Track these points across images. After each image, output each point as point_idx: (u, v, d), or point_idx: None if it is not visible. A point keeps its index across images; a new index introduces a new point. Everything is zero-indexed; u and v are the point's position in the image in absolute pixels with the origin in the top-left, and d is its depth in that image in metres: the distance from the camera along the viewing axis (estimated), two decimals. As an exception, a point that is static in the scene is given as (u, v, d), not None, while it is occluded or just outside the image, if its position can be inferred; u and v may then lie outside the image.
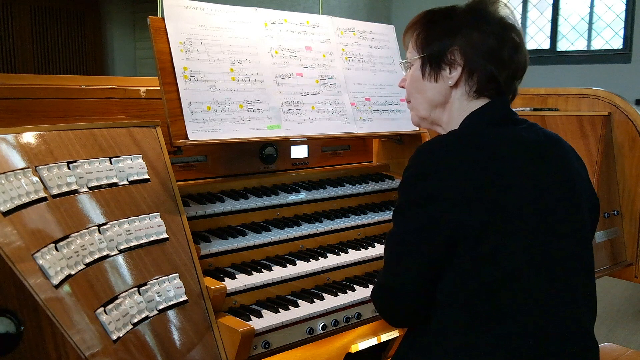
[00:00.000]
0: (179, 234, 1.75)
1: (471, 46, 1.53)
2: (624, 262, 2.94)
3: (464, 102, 1.58)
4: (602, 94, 2.96)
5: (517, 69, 1.57)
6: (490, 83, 1.55)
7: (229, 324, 1.69)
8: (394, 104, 2.55)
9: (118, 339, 1.46)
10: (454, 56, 1.55)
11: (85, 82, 1.98)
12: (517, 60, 1.56)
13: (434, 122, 1.67)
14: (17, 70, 7.58)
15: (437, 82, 1.60)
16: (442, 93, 1.60)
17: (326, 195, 2.28)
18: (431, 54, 1.59)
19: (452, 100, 1.60)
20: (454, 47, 1.55)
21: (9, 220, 1.31)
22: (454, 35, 1.55)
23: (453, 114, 1.61)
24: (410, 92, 1.69)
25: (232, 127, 2.04)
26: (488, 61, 1.53)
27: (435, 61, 1.59)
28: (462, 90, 1.58)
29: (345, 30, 2.49)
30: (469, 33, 1.54)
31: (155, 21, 1.98)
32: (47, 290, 1.30)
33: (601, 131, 2.82)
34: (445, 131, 1.64)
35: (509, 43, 1.54)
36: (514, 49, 1.55)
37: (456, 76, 1.56)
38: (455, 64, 1.56)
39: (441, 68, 1.58)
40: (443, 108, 1.63)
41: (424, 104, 1.65)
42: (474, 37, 1.53)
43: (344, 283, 2.05)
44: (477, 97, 1.57)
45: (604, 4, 8.43)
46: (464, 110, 1.58)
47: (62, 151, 1.58)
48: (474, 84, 1.56)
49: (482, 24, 1.54)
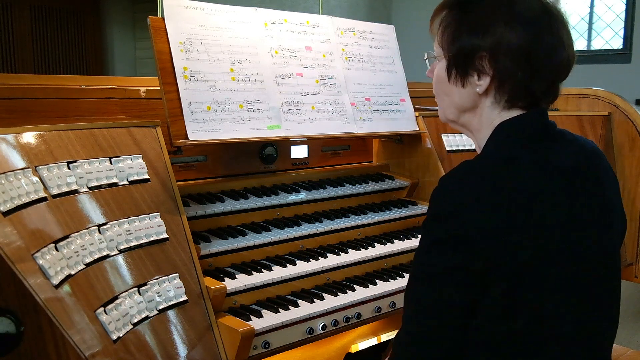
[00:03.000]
0: (179, 234, 1.75)
1: (502, 51, 1.32)
2: (624, 262, 2.94)
3: (495, 111, 1.39)
4: (602, 94, 2.96)
5: (557, 72, 1.36)
6: (523, 92, 1.35)
7: (229, 324, 1.69)
8: (394, 104, 2.55)
9: (118, 339, 1.46)
10: (482, 62, 1.34)
11: (85, 82, 1.98)
12: (558, 62, 1.35)
13: (464, 126, 1.48)
14: (17, 70, 7.58)
15: (465, 88, 1.40)
16: (471, 99, 1.41)
17: (326, 195, 2.28)
18: (458, 56, 1.38)
19: (481, 106, 1.41)
20: (482, 52, 1.34)
21: (9, 220, 1.31)
22: (483, 33, 1.33)
23: (483, 122, 1.42)
24: (437, 92, 1.50)
25: (232, 127, 2.04)
26: (521, 69, 1.32)
27: (462, 66, 1.38)
28: (492, 99, 1.38)
29: (345, 30, 2.49)
30: (500, 32, 1.32)
31: (155, 21, 1.98)
32: (47, 290, 1.30)
33: (601, 131, 2.83)
34: (476, 138, 1.47)
35: (547, 42, 1.33)
36: (554, 44, 1.33)
37: (485, 85, 1.36)
38: (484, 72, 1.35)
39: (468, 74, 1.38)
40: (473, 113, 1.43)
41: (451, 108, 1.46)
42: (506, 39, 1.31)
43: (344, 283, 2.05)
44: (509, 108, 1.38)
45: (604, 4, 8.43)
46: (495, 119, 1.40)
47: (62, 151, 1.58)
48: (504, 93, 1.36)
49: (515, 19, 1.32)
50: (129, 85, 2.04)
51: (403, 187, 2.58)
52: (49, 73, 7.87)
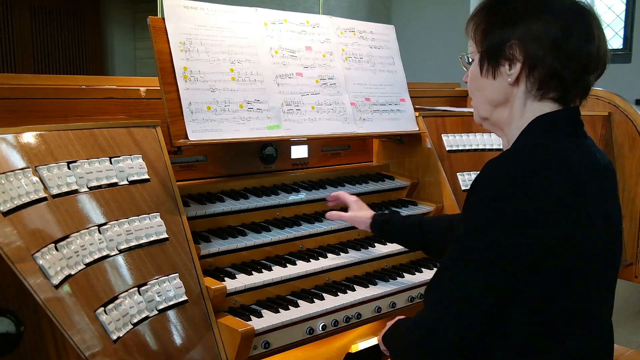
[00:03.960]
0: (179, 234, 1.75)
1: (531, 38, 1.37)
2: (624, 262, 2.94)
3: (528, 101, 1.43)
4: (602, 94, 2.96)
5: (588, 61, 1.38)
6: (553, 81, 1.39)
7: (229, 324, 1.69)
8: (394, 104, 2.55)
9: (118, 339, 1.46)
10: (512, 50, 1.39)
11: (85, 82, 1.98)
12: (588, 52, 1.37)
13: (496, 123, 1.52)
14: (17, 70, 7.58)
15: (496, 80, 1.45)
16: (502, 92, 1.45)
17: (326, 195, 2.28)
18: (489, 48, 1.44)
19: (513, 99, 1.44)
20: (512, 39, 1.39)
21: (9, 220, 1.31)
22: (513, 25, 1.39)
23: (515, 113, 1.45)
24: (471, 90, 1.55)
25: (232, 127, 2.04)
26: (550, 54, 1.36)
27: (493, 56, 1.43)
28: (523, 88, 1.42)
29: (345, 30, 2.49)
30: (530, 23, 1.37)
31: (155, 21, 1.98)
32: (47, 290, 1.30)
33: (601, 131, 2.83)
34: (506, 134, 1.50)
35: (577, 32, 1.36)
36: (584, 38, 1.37)
37: (515, 73, 1.40)
38: (515, 59, 1.40)
39: (499, 64, 1.43)
40: (505, 107, 1.47)
41: (484, 104, 1.51)
42: (536, 28, 1.37)
43: (344, 283, 2.05)
44: (540, 98, 1.42)
45: (604, 4, 8.43)
46: (528, 112, 1.43)
47: (62, 151, 1.58)
48: (535, 81, 1.40)
49: (545, 12, 1.37)
50: (129, 85, 2.04)
51: (403, 187, 2.58)
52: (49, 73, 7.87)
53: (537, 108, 1.43)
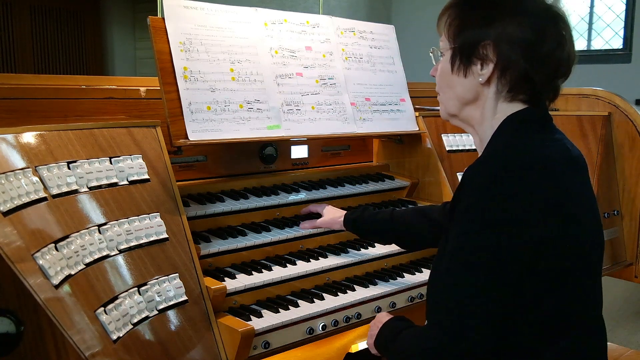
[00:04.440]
0: (179, 234, 1.75)
1: (506, 40, 1.38)
2: (624, 262, 2.94)
3: (498, 102, 1.44)
4: (602, 94, 2.96)
5: (558, 66, 1.41)
6: (524, 84, 1.40)
7: (229, 324, 1.69)
8: (394, 104, 2.55)
9: (118, 339, 1.46)
10: (486, 50, 1.40)
11: (85, 82, 1.98)
12: (559, 57, 1.40)
13: (465, 120, 1.53)
14: (17, 70, 7.58)
15: (467, 78, 1.45)
16: (473, 90, 1.45)
17: (326, 195, 2.28)
18: (462, 46, 1.43)
19: (484, 98, 1.45)
20: (487, 40, 1.39)
21: (9, 220, 1.31)
22: (488, 25, 1.39)
23: (486, 114, 1.46)
24: (440, 86, 1.54)
25: (232, 127, 2.04)
26: (523, 58, 1.37)
27: (465, 54, 1.43)
28: (494, 89, 1.43)
29: (345, 30, 2.49)
30: (505, 24, 1.38)
31: (155, 21, 1.98)
32: (47, 290, 1.30)
33: (601, 131, 2.83)
34: (477, 133, 1.51)
35: (550, 37, 1.38)
36: (556, 43, 1.39)
37: (487, 73, 1.41)
38: (487, 59, 1.40)
39: (472, 62, 1.43)
40: (474, 105, 1.48)
41: (453, 100, 1.51)
42: (510, 30, 1.37)
43: (344, 283, 2.05)
44: (510, 100, 1.43)
45: (604, 4, 8.44)
46: (498, 113, 1.44)
47: (62, 151, 1.58)
48: (506, 83, 1.41)
49: (520, 14, 1.38)
50: (129, 85, 2.04)
51: (403, 187, 2.58)
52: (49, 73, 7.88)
53: (507, 108, 1.44)
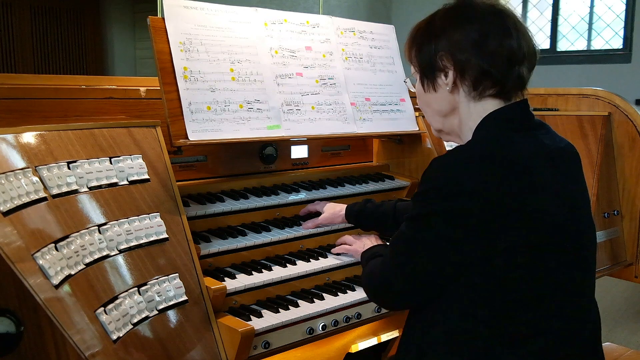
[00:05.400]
0: (179, 234, 1.75)
1: (455, 46, 1.50)
2: (624, 262, 2.94)
3: (470, 104, 1.54)
4: (602, 94, 2.96)
5: (511, 55, 1.48)
6: (484, 78, 1.49)
7: (229, 324, 1.69)
8: (394, 104, 2.55)
9: (118, 339, 1.46)
10: (442, 61, 1.52)
11: (85, 82, 1.98)
12: (510, 46, 1.48)
13: (450, 132, 1.63)
14: (17, 70, 7.58)
15: (437, 92, 1.57)
16: (446, 101, 1.57)
17: (326, 195, 2.28)
18: (422, 64, 1.57)
19: (458, 105, 1.56)
20: (440, 51, 1.52)
21: (9, 220, 1.31)
22: (437, 39, 1.52)
23: (463, 119, 1.56)
24: (422, 107, 1.67)
25: (232, 127, 2.04)
26: (474, 56, 1.48)
27: (429, 70, 1.56)
28: (463, 93, 1.54)
29: (345, 30, 2.49)
30: (451, 33, 1.50)
31: (155, 21, 1.98)
32: (47, 290, 1.30)
33: (601, 131, 2.82)
34: (462, 140, 1.60)
35: (494, 31, 1.48)
36: (501, 34, 1.48)
37: (450, 80, 1.53)
38: (446, 68, 1.52)
39: (436, 76, 1.55)
40: (453, 115, 1.58)
41: (435, 116, 1.63)
42: (457, 36, 1.49)
43: (344, 283, 2.05)
44: (480, 98, 1.52)
45: (604, 4, 8.43)
46: (474, 114, 1.54)
47: (62, 151, 1.58)
48: (470, 84, 1.51)
49: (462, 21, 1.50)
50: (129, 85, 2.04)
51: (403, 187, 2.58)
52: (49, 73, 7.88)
53: (481, 108, 1.53)
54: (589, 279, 1.55)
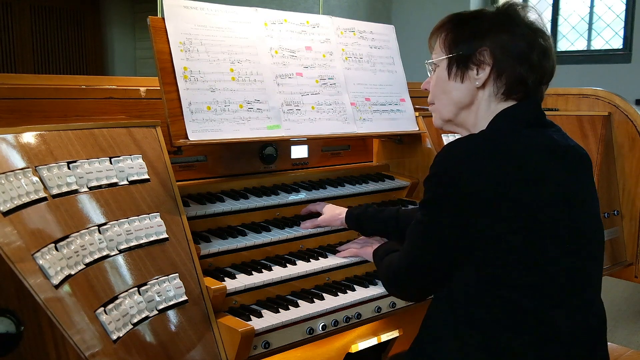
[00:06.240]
0: (179, 234, 1.75)
1: (501, 47, 1.53)
2: (624, 262, 2.94)
3: (492, 103, 1.57)
4: (602, 94, 2.96)
5: (544, 73, 1.57)
6: (519, 85, 1.54)
7: (229, 324, 1.69)
8: (394, 104, 2.55)
9: (118, 339, 1.46)
10: (482, 56, 1.55)
11: (85, 82, 1.98)
12: (545, 66, 1.56)
13: (460, 124, 1.66)
14: (17, 70, 7.58)
15: (463, 83, 1.59)
16: (469, 94, 1.59)
17: (326, 195, 2.28)
18: (459, 54, 1.58)
19: (478, 101, 1.59)
20: (483, 47, 1.54)
21: (9, 220, 1.31)
22: (482, 37, 1.55)
23: (480, 115, 1.59)
24: (435, 94, 1.68)
25: (232, 127, 2.04)
26: (518, 63, 1.53)
27: (462, 61, 1.58)
28: (489, 91, 1.57)
29: (345, 30, 2.49)
30: (498, 35, 1.54)
31: (155, 21, 1.98)
32: (47, 290, 1.30)
33: (601, 131, 2.83)
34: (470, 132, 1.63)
35: (538, 47, 1.54)
36: (542, 53, 1.55)
37: (484, 77, 1.56)
38: (484, 64, 1.55)
39: (468, 68, 1.57)
40: (469, 110, 1.61)
41: (449, 106, 1.64)
42: (504, 39, 1.53)
43: (344, 283, 2.05)
44: (504, 100, 1.56)
45: (604, 4, 8.43)
46: (492, 113, 1.57)
47: (62, 151, 1.58)
48: (502, 85, 1.55)
49: (512, 27, 1.54)
50: (129, 85, 2.04)
51: (403, 187, 2.58)
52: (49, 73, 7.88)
53: (499, 107, 1.57)
54: (595, 275, 1.56)
